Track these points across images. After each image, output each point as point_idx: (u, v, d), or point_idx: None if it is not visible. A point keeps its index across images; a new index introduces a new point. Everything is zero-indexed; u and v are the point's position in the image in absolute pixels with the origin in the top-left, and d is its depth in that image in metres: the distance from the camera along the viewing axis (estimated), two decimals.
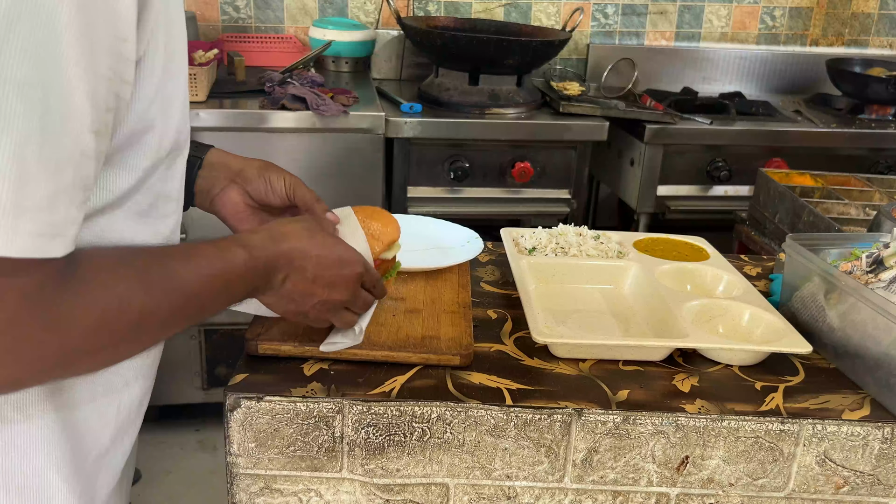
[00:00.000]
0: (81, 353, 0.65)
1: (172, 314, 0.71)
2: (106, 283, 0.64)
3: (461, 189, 2.36)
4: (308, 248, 0.84)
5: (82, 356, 0.65)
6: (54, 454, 0.75)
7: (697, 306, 1.10)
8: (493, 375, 0.97)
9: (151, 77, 0.70)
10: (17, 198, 0.54)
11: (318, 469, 0.93)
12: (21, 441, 0.73)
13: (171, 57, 0.72)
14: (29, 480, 0.75)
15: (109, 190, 0.71)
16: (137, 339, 0.70)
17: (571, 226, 1.33)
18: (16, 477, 0.74)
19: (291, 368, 0.96)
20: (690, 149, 2.48)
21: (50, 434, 0.75)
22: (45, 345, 0.60)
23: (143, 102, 0.70)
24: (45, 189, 0.56)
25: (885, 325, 0.95)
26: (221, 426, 0.93)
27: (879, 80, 2.66)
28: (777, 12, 3.07)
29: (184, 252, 0.75)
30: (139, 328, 0.68)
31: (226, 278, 0.76)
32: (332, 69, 2.74)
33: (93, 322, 0.63)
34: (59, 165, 0.57)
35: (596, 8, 2.96)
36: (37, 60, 0.54)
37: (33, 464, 0.74)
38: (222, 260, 0.76)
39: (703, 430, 0.92)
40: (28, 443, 0.74)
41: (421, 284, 1.16)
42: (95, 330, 0.64)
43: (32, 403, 0.73)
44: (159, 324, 0.70)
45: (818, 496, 0.96)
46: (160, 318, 0.70)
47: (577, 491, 0.95)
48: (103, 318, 0.64)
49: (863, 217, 1.85)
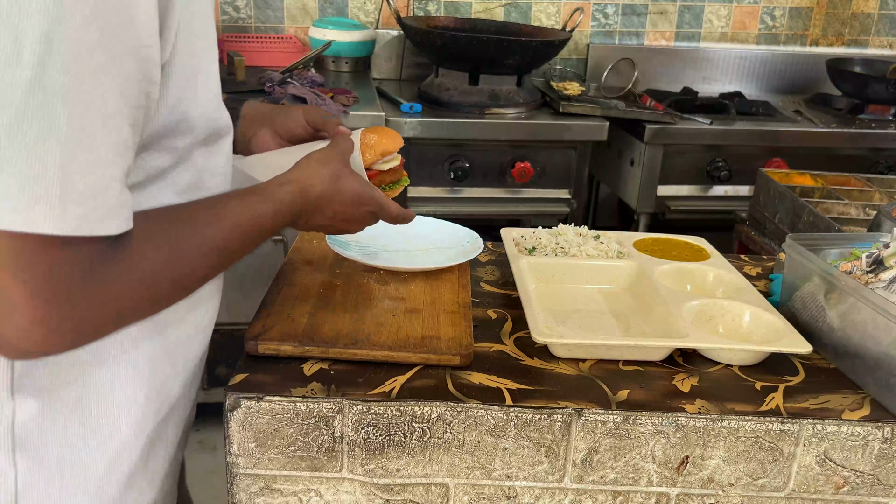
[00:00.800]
0: (131, 313, 0.75)
1: (209, 268, 0.82)
2: (147, 255, 0.74)
3: (461, 189, 2.36)
4: (332, 195, 0.95)
5: (132, 315, 0.76)
6: (126, 395, 0.85)
7: (697, 306, 1.10)
8: (493, 375, 0.97)
9: (181, 74, 0.77)
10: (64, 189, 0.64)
11: (318, 469, 0.93)
12: (94, 381, 0.82)
13: (198, 54, 0.79)
14: (99, 420, 0.84)
15: (145, 169, 0.79)
16: (181, 294, 0.81)
17: (571, 226, 1.33)
18: (90, 417, 0.83)
19: (291, 368, 0.96)
20: (690, 149, 2.48)
21: (126, 376, 0.84)
22: (98, 310, 0.70)
23: (172, 97, 0.77)
24: (89, 178, 0.66)
25: (885, 325, 0.95)
26: (221, 426, 0.93)
27: (879, 80, 2.66)
28: (777, 12, 3.07)
29: (214, 215, 0.83)
30: (181, 287, 0.79)
31: (254, 232, 0.87)
32: (332, 69, 2.74)
33: (138, 288, 0.73)
34: (101, 159, 0.67)
35: (596, 8, 2.96)
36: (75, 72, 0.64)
37: (106, 403, 0.84)
38: (251, 217, 0.86)
39: (703, 430, 0.92)
40: (101, 382, 0.83)
41: (421, 284, 1.16)
42: (141, 294, 0.74)
43: (107, 349, 0.82)
44: (199, 279, 0.82)
45: (818, 496, 0.96)
46: (199, 275, 0.81)
47: (577, 491, 0.95)
48: (148, 285, 0.74)
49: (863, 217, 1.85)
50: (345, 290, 1.12)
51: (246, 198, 0.87)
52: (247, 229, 0.85)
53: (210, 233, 0.81)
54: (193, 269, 0.79)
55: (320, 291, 1.11)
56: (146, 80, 0.70)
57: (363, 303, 1.09)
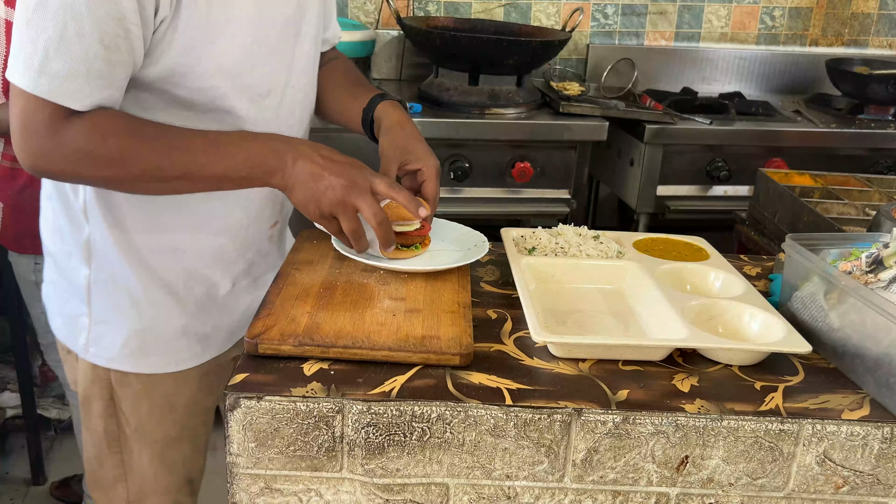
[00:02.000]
0: (83, 171, 1.04)
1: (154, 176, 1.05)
2: (97, 136, 1.01)
3: (461, 189, 2.36)
4: (318, 148, 1.09)
5: (84, 173, 1.05)
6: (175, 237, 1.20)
7: (697, 306, 1.10)
8: (493, 375, 0.97)
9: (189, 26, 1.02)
10: (42, 65, 0.96)
11: (318, 469, 0.93)
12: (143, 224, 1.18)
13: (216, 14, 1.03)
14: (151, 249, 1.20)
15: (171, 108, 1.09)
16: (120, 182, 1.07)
17: (571, 226, 1.33)
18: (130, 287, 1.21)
19: (291, 368, 0.96)
20: (690, 149, 2.48)
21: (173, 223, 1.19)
22: (56, 153, 1.01)
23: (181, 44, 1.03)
24: (59, 65, 0.96)
25: (884, 325, 0.95)
26: (221, 426, 0.93)
27: (879, 80, 2.66)
28: (777, 12, 3.07)
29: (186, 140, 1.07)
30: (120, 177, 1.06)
31: (224, 142, 1.08)
32: None
33: (83, 154, 1.01)
34: (72, 57, 0.96)
35: (596, 8, 2.96)
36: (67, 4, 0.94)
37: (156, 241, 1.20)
38: (226, 134, 1.09)
39: (702, 429, 0.92)
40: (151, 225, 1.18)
41: (421, 284, 1.16)
42: (78, 157, 1.02)
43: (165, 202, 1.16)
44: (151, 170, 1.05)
45: (818, 496, 0.96)
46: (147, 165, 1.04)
47: (577, 491, 0.95)
48: (91, 156, 1.02)
49: (863, 217, 1.85)
50: (345, 290, 1.13)
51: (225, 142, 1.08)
52: (213, 136, 1.07)
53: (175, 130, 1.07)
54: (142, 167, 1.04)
55: (320, 291, 1.11)
56: (121, 21, 0.97)
57: (363, 303, 1.09)
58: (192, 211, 1.20)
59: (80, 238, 1.20)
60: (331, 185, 1.06)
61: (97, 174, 1.05)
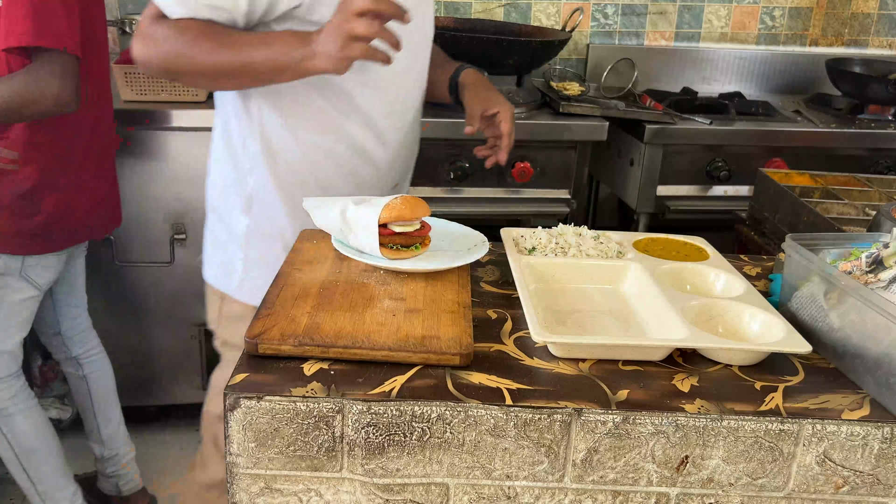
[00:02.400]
0: (172, 62, 1.29)
1: (214, 64, 1.29)
2: (175, 36, 1.27)
3: (461, 189, 2.36)
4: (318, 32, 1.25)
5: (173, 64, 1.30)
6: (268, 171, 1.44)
7: (697, 306, 1.10)
8: (493, 375, 0.97)
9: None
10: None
11: (318, 469, 0.93)
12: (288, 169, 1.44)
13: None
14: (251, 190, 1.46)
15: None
16: (196, 71, 1.31)
17: (571, 226, 1.33)
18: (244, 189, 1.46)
19: (291, 368, 0.96)
20: (690, 149, 2.48)
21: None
22: (151, 48, 1.29)
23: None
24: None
25: (885, 325, 0.95)
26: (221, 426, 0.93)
27: (879, 80, 2.66)
28: (777, 12, 3.07)
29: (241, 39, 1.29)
30: (192, 70, 1.30)
31: (264, 49, 1.27)
32: None
33: (166, 49, 1.28)
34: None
35: (596, 8, 2.96)
36: None
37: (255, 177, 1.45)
38: (272, 33, 1.30)
39: (702, 429, 0.92)
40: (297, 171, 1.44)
41: (421, 284, 1.16)
42: (169, 53, 1.28)
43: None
44: (207, 73, 1.31)
45: (818, 496, 0.96)
46: (201, 62, 1.28)
47: (577, 491, 0.95)
48: (172, 52, 1.28)
49: (863, 217, 1.85)
50: (345, 290, 1.13)
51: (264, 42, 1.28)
52: (262, 36, 1.29)
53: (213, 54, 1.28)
54: (197, 66, 1.28)
55: (320, 291, 1.11)
56: None
57: (363, 303, 1.09)
58: (339, 166, 1.45)
59: (243, 192, 1.46)
60: (325, 39, 1.22)
61: (161, 62, 1.30)
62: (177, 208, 2.20)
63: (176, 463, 2.37)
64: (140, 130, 2.12)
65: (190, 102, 2.16)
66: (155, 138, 2.13)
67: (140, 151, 2.14)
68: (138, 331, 2.33)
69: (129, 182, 2.16)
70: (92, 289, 2.25)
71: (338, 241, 1.23)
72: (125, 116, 2.10)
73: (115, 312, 2.30)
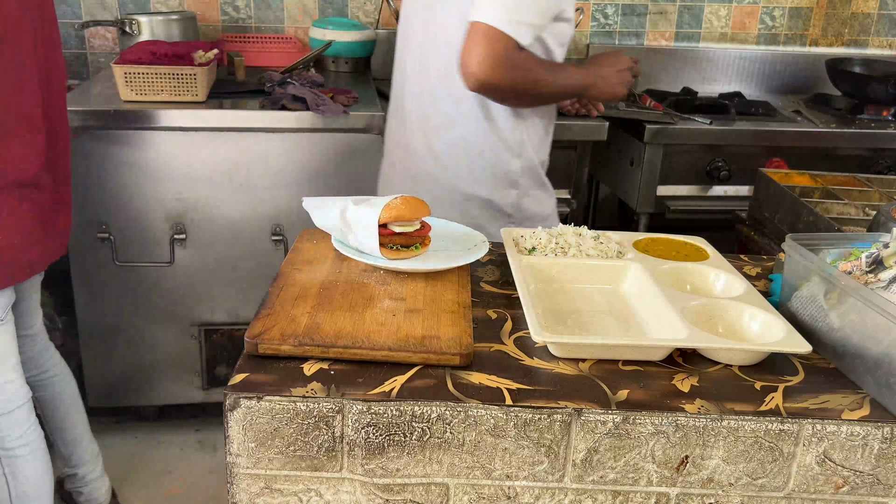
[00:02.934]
0: (519, 86, 1.50)
1: (552, 86, 1.58)
2: (526, 65, 1.49)
3: None
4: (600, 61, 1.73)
5: (520, 87, 1.51)
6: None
7: (697, 306, 1.10)
8: (493, 375, 0.97)
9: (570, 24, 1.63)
10: (513, 15, 1.43)
11: (318, 469, 0.93)
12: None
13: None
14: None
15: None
16: (532, 99, 1.60)
17: (571, 226, 1.33)
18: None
19: (291, 368, 0.96)
20: (690, 149, 2.48)
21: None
22: (507, 72, 1.46)
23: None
24: (524, 18, 1.45)
25: (885, 325, 0.95)
26: (221, 426, 0.93)
27: (879, 80, 2.66)
28: (777, 12, 3.07)
29: (560, 69, 1.62)
30: (533, 94, 1.56)
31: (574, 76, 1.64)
32: (332, 69, 2.74)
33: (521, 75, 1.49)
34: (526, 17, 1.46)
35: (596, 8, 2.96)
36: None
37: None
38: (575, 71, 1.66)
39: (702, 429, 0.92)
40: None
41: (421, 284, 1.16)
42: (520, 80, 1.49)
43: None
44: (543, 97, 1.61)
45: (818, 496, 0.96)
46: (544, 94, 1.59)
47: (577, 491, 0.95)
48: (521, 79, 1.49)
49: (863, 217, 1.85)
50: (345, 290, 1.13)
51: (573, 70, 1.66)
52: (571, 72, 1.64)
53: (553, 76, 1.57)
54: (542, 88, 1.55)
55: (320, 291, 1.11)
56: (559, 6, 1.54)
57: (363, 303, 1.09)
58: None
59: (508, 201, 1.71)
60: (608, 78, 1.68)
61: (522, 85, 1.51)
62: (177, 208, 2.20)
63: (176, 463, 2.37)
64: (140, 130, 2.12)
65: (190, 102, 2.15)
66: (155, 138, 2.13)
67: (140, 151, 2.14)
68: (138, 331, 2.33)
69: (129, 182, 2.16)
70: (92, 289, 2.25)
71: (338, 241, 1.23)
72: (125, 116, 2.10)
73: (115, 312, 2.30)
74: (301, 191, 2.20)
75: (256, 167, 2.18)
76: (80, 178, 2.10)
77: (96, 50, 2.79)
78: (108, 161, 2.14)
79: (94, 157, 2.13)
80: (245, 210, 2.22)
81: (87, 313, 2.29)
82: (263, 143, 2.16)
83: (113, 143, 2.12)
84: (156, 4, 2.76)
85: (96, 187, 2.15)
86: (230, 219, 2.23)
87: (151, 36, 2.55)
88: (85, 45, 2.78)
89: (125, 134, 2.12)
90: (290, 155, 2.18)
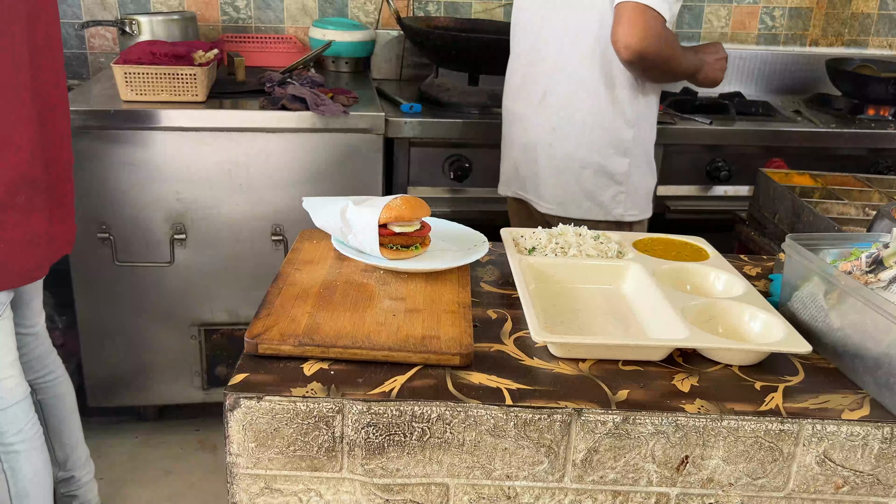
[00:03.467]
0: (664, 63, 1.73)
1: (681, 65, 1.78)
2: (671, 43, 1.71)
3: (461, 189, 2.36)
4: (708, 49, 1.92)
5: (665, 64, 1.74)
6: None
7: (697, 306, 1.10)
8: (493, 375, 0.97)
9: None
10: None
11: (318, 469, 0.93)
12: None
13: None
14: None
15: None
16: (671, 76, 1.84)
17: (571, 226, 1.33)
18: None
19: (291, 368, 0.96)
20: (690, 149, 2.47)
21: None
22: (656, 45, 1.65)
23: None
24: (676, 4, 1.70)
25: (885, 325, 0.95)
26: (221, 426, 0.93)
27: (879, 80, 2.65)
28: (777, 12, 3.07)
29: (686, 49, 1.82)
30: (672, 71, 1.78)
31: (694, 59, 1.84)
32: (332, 69, 2.74)
33: (668, 52, 1.70)
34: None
35: None
36: None
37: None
38: (694, 55, 1.85)
39: (702, 430, 0.92)
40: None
41: (421, 284, 1.16)
42: (668, 57, 1.71)
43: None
44: (677, 74, 1.84)
45: (818, 496, 0.96)
46: (679, 62, 1.77)
47: (577, 491, 0.95)
48: (669, 54, 1.71)
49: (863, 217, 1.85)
50: (345, 290, 1.13)
51: (692, 54, 1.84)
52: (696, 54, 1.84)
53: (684, 56, 1.78)
54: (675, 65, 1.76)
55: (320, 291, 1.11)
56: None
57: (363, 303, 1.09)
58: None
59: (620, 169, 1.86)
60: (716, 62, 1.89)
61: (665, 58, 1.70)
62: (177, 208, 2.20)
63: (176, 463, 2.37)
64: (140, 130, 2.12)
65: (190, 102, 2.15)
66: (155, 138, 2.13)
67: (140, 151, 2.14)
68: (138, 331, 2.32)
69: (129, 182, 2.16)
70: (92, 289, 2.25)
71: (338, 241, 1.23)
72: (125, 116, 2.10)
73: (115, 312, 2.30)
74: (301, 191, 2.20)
75: (256, 167, 2.18)
76: (80, 178, 2.09)
77: (96, 50, 2.79)
78: (108, 161, 2.14)
79: (94, 157, 2.12)
80: (245, 210, 2.22)
81: (87, 313, 2.29)
82: (263, 143, 2.16)
83: (113, 143, 2.12)
84: (156, 4, 2.76)
85: (96, 187, 2.15)
86: (230, 219, 2.23)
87: (151, 36, 2.55)
88: (85, 45, 2.78)
89: (125, 134, 2.12)
90: (290, 155, 2.18)
